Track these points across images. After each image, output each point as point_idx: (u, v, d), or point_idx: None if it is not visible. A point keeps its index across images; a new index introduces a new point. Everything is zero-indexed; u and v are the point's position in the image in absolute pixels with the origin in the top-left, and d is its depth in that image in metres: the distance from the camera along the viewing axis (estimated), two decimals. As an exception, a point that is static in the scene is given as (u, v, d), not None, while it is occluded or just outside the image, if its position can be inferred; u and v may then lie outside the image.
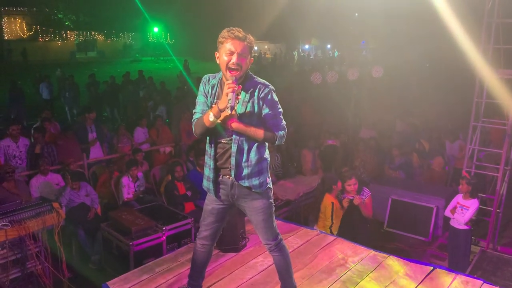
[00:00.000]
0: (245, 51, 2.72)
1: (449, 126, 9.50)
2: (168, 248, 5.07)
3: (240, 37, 2.70)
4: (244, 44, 2.71)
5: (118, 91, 13.67)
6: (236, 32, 2.71)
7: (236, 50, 2.69)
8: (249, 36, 2.75)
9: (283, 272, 3.18)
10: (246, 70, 2.78)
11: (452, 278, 3.52)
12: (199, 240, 3.19)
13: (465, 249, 5.71)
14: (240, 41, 2.70)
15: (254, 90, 2.80)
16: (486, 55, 6.06)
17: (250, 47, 2.76)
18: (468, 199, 5.56)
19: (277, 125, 2.82)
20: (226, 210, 3.09)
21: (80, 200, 6.06)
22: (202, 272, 3.31)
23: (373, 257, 3.86)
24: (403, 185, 7.27)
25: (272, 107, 2.80)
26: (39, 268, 4.76)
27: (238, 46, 2.70)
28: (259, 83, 2.83)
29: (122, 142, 7.98)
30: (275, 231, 3.07)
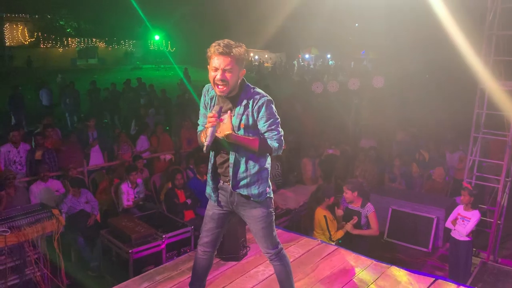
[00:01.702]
0: (231, 66, 2.64)
1: (449, 137, 9.51)
2: (167, 256, 5.04)
3: (224, 52, 2.63)
4: (229, 59, 2.63)
5: (118, 98, 13.70)
6: (221, 47, 2.64)
7: (220, 66, 2.63)
8: (237, 48, 2.66)
9: (284, 281, 3.15)
10: (235, 83, 2.72)
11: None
12: (200, 246, 3.18)
13: (466, 261, 5.70)
14: (225, 56, 2.63)
15: (249, 101, 2.76)
16: (487, 66, 6.09)
17: (239, 59, 2.67)
18: (469, 210, 5.56)
19: (273, 137, 2.78)
20: (227, 216, 3.08)
21: (80, 207, 6.04)
22: (203, 280, 3.29)
23: (375, 267, 3.84)
24: (403, 195, 7.26)
25: (268, 119, 2.75)
26: (37, 275, 4.73)
27: (223, 61, 2.63)
28: (255, 94, 2.78)
29: (123, 149, 7.97)
30: (275, 240, 3.06)
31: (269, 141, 2.78)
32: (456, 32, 6.52)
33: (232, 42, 2.68)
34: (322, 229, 5.45)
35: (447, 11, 6.76)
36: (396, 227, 6.81)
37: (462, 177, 7.41)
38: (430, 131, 10.37)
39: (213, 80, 2.68)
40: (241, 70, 2.72)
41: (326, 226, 5.39)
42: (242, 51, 2.69)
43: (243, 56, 2.69)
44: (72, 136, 7.68)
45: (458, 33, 6.49)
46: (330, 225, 5.41)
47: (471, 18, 6.80)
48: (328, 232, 5.43)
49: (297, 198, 7.12)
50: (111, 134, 8.81)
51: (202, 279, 3.28)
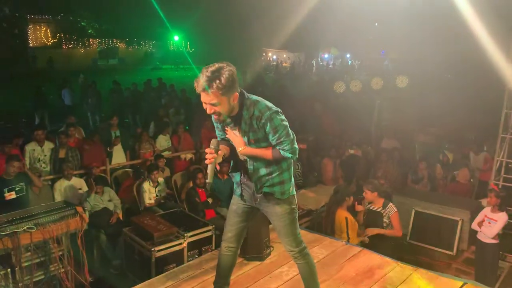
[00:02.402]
0: (216, 100, 2.58)
1: (473, 137, 9.31)
2: (189, 255, 5.04)
3: (202, 89, 2.57)
4: (211, 95, 2.57)
5: (140, 98, 13.83)
6: (199, 84, 2.57)
7: (205, 101, 2.62)
8: (218, 81, 2.54)
9: (309, 280, 3.11)
10: (229, 109, 2.67)
11: (485, 293, 3.41)
12: (224, 242, 3.18)
13: (493, 264, 5.57)
14: (204, 92, 2.58)
15: (251, 119, 2.73)
16: (517, 65, 5.94)
17: (223, 89, 2.56)
18: (497, 212, 5.43)
19: (284, 148, 2.76)
20: (250, 211, 3.09)
21: (103, 205, 6.11)
22: (227, 278, 3.27)
23: (401, 270, 3.77)
24: (427, 197, 7.11)
25: (274, 132, 2.72)
26: (61, 272, 4.78)
27: (205, 97, 2.60)
28: (256, 111, 2.71)
29: (144, 149, 8.02)
30: (299, 239, 3.03)
31: (282, 152, 2.78)
32: (482, 31, 6.37)
33: (212, 74, 2.55)
34: (341, 231, 5.37)
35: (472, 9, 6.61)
36: (419, 229, 6.67)
37: (487, 179, 7.25)
38: (454, 132, 10.16)
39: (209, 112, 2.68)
40: (232, 95, 2.63)
41: (346, 228, 5.30)
42: (225, 80, 2.55)
43: (228, 83, 2.56)
44: (95, 135, 7.77)
45: (484, 32, 6.35)
46: (350, 228, 5.32)
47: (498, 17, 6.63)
48: (346, 235, 5.33)
49: (318, 199, 7.05)
50: (133, 134, 8.88)
51: (226, 277, 3.27)
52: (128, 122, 12.51)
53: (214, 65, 2.61)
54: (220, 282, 3.26)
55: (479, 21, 6.45)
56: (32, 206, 5.19)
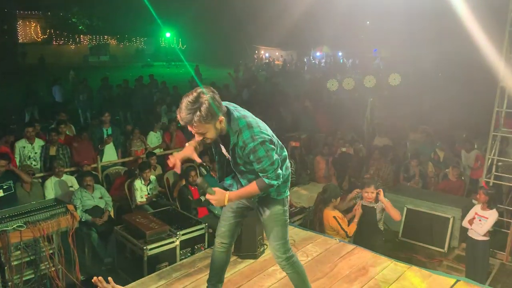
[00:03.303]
0: (200, 130, 2.55)
1: (464, 136, 9.37)
2: (181, 254, 5.01)
3: (185, 125, 2.56)
4: (193, 128, 2.55)
5: (131, 95, 13.73)
6: (182, 119, 2.54)
7: (192, 131, 2.61)
8: (197, 113, 2.48)
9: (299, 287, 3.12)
10: (216, 132, 2.63)
11: (478, 291, 3.42)
12: (217, 238, 3.18)
13: (483, 261, 5.61)
14: (188, 125, 2.55)
15: (236, 143, 2.70)
16: (508, 63, 5.97)
17: (205, 119, 2.50)
18: (487, 210, 5.46)
19: (268, 176, 2.73)
20: (245, 208, 3.09)
21: (94, 202, 6.05)
22: (221, 275, 3.26)
23: (395, 267, 3.77)
24: (419, 195, 7.15)
25: (258, 162, 2.69)
26: (52, 270, 4.73)
27: (191, 128, 2.58)
28: (240, 141, 2.68)
29: (135, 146, 7.97)
30: (287, 246, 3.02)
31: (266, 180, 2.74)
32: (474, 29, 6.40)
33: (192, 106, 2.49)
34: (334, 230, 5.35)
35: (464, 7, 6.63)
36: (411, 226, 6.71)
37: (478, 177, 7.30)
38: (445, 130, 10.23)
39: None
40: (217, 120, 2.58)
41: (338, 226, 5.30)
42: (205, 110, 2.48)
43: (209, 113, 2.50)
44: (85, 132, 7.70)
45: (476, 30, 6.37)
46: (342, 224, 5.32)
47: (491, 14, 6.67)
48: (343, 231, 5.33)
49: (311, 196, 7.05)
50: (124, 131, 8.82)
51: (220, 274, 3.25)
52: (119, 119, 12.41)
53: (192, 93, 2.52)
54: (214, 279, 3.24)
55: (471, 19, 6.48)
56: (22, 204, 5.12)
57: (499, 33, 6.01)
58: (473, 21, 6.27)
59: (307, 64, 33.81)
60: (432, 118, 11.12)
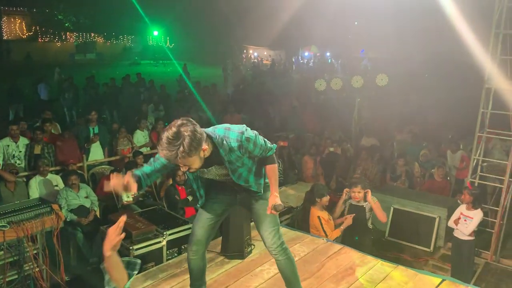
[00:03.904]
0: (186, 162, 2.47)
1: (450, 136, 9.47)
2: (168, 254, 4.97)
3: (168, 160, 2.50)
4: (178, 161, 2.45)
5: (118, 93, 13.61)
6: (165, 157, 2.46)
7: (177, 164, 2.55)
8: (179, 151, 2.37)
9: (291, 278, 3.08)
10: (202, 160, 2.57)
11: (463, 290, 3.46)
12: (191, 246, 3.13)
13: (469, 260, 5.67)
14: (173, 161, 2.49)
15: (231, 152, 2.70)
16: (494, 65, 6.04)
17: (189, 153, 2.40)
18: (472, 210, 5.52)
19: (267, 150, 2.87)
20: (224, 207, 3.12)
21: (79, 202, 5.97)
22: (202, 279, 3.24)
23: (381, 267, 3.79)
24: (405, 195, 7.20)
25: (253, 149, 2.77)
26: (36, 271, 4.67)
27: (176, 162, 2.49)
28: (232, 143, 2.67)
29: (122, 145, 7.89)
30: (280, 232, 3.06)
31: (270, 152, 2.89)
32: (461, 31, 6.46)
33: (173, 145, 2.37)
34: (317, 229, 5.37)
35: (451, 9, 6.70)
36: (397, 226, 6.76)
37: (464, 177, 7.38)
38: (431, 131, 10.33)
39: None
40: (200, 150, 2.49)
41: (321, 227, 5.30)
42: (187, 145, 2.37)
43: (192, 146, 2.40)
44: (69, 131, 7.60)
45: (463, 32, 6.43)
46: (325, 226, 5.31)
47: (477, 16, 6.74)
48: (324, 233, 5.32)
49: (298, 196, 7.05)
50: (111, 130, 8.73)
51: (201, 278, 3.23)
52: (106, 117, 12.28)
53: (171, 128, 2.39)
54: (196, 284, 3.21)
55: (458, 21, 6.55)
56: (6, 203, 5.04)
57: (485, 34, 6.08)
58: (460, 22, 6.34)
59: (295, 64, 33.89)
60: (419, 119, 11.23)
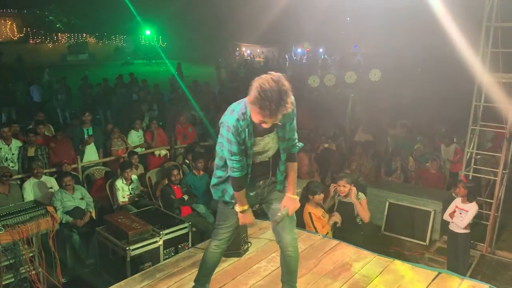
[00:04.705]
0: (278, 117, 2.56)
1: (444, 130, 9.52)
2: (165, 253, 4.97)
3: (273, 116, 2.50)
4: (273, 118, 2.54)
5: (111, 93, 13.56)
6: (273, 114, 2.49)
7: (271, 122, 2.57)
8: (286, 106, 2.49)
9: (295, 270, 3.06)
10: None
11: (458, 282, 3.47)
12: (216, 241, 3.10)
13: (464, 253, 5.70)
14: (271, 117, 2.51)
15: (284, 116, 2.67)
16: (485, 58, 6.07)
17: (288, 104, 2.53)
18: (467, 203, 5.55)
19: (294, 142, 2.90)
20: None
21: (75, 203, 5.95)
22: (210, 276, 3.24)
23: (378, 262, 3.81)
24: (400, 189, 7.23)
25: (292, 125, 2.81)
26: (33, 274, 4.64)
27: (270, 120, 2.54)
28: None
29: (116, 145, 7.86)
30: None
31: (297, 147, 2.91)
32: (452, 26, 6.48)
33: (282, 99, 2.45)
34: (308, 226, 5.37)
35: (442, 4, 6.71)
36: (393, 220, 6.79)
37: (458, 170, 7.43)
38: (425, 125, 10.38)
39: (259, 123, 2.60)
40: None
41: (311, 223, 5.31)
42: (291, 100, 2.52)
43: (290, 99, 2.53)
44: (59, 132, 7.56)
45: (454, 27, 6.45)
46: (316, 222, 5.31)
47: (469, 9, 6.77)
48: (314, 228, 5.32)
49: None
50: (104, 130, 8.70)
51: (209, 274, 3.23)
52: (99, 118, 12.23)
53: (270, 81, 2.46)
54: (203, 280, 3.21)
55: (449, 16, 6.56)
56: (1, 206, 5.01)
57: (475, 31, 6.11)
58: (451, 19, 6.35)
59: (288, 61, 33.87)
60: (412, 113, 11.27)
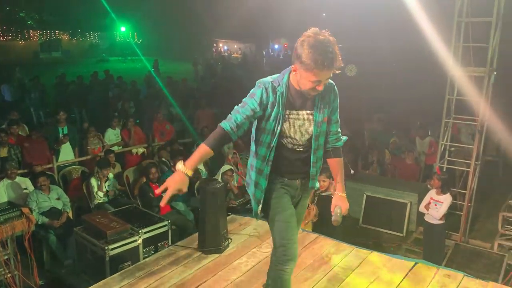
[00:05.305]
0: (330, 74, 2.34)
1: (418, 123, 9.71)
2: (144, 252, 4.94)
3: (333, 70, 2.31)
4: (327, 73, 2.31)
5: (86, 91, 13.31)
6: (336, 65, 2.30)
7: (324, 78, 2.34)
8: (339, 57, 2.31)
9: None
10: None
11: (434, 272, 3.57)
12: (290, 263, 2.51)
13: (440, 243, 5.85)
14: (331, 70, 2.30)
15: (325, 92, 2.51)
16: (457, 53, 6.21)
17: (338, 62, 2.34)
18: (441, 195, 5.69)
19: (339, 135, 2.79)
20: None
21: (51, 204, 5.84)
22: None
23: (356, 254, 3.87)
24: (377, 182, 7.36)
25: (336, 110, 2.68)
26: (8, 277, 4.55)
27: (327, 75, 2.32)
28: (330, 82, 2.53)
29: (92, 144, 7.74)
30: None
31: (341, 142, 2.72)
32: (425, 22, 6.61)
33: (334, 50, 2.28)
34: None
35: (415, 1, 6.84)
36: (371, 213, 6.91)
37: (432, 162, 7.60)
38: (401, 119, 10.56)
39: (312, 88, 2.36)
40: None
41: None
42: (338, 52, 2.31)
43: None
44: (38, 131, 7.39)
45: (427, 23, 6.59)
46: None
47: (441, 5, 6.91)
48: None
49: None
50: (80, 129, 8.55)
51: None
52: (74, 117, 12.00)
53: (323, 36, 2.29)
54: None
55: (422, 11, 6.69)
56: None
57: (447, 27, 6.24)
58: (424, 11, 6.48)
59: (265, 57, 33.90)
60: (389, 108, 11.45)
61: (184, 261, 3.74)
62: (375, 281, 3.43)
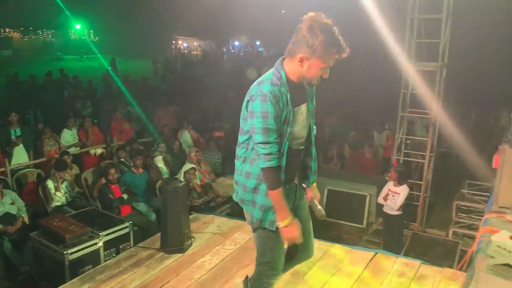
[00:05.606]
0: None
1: (376, 117, 9.97)
2: (105, 255, 4.83)
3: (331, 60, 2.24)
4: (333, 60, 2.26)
5: (40, 91, 12.83)
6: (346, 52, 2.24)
7: (331, 64, 2.27)
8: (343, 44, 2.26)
9: None
10: None
11: (394, 261, 3.68)
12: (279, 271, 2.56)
13: (398, 233, 6.05)
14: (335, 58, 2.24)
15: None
16: (410, 48, 6.42)
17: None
18: (398, 186, 5.88)
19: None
20: None
21: (4, 209, 5.59)
22: None
23: (319, 247, 3.92)
24: (338, 176, 7.50)
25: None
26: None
27: (329, 64, 2.26)
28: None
29: (48, 146, 7.47)
30: None
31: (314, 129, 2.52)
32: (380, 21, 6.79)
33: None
34: None
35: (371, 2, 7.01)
36: (332, 206, 7.02)
37: (390, 155, 7.83)
38: (359, 113, 10.81)
39: (319, 76, 2.28)
40: None
41: None
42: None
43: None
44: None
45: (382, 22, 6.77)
46: None
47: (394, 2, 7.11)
48: None
49: (236, 185, 7.09)
50: (34, 130, 8.22)
51: None
52: (28, 118, 11.54)
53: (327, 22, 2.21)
54: None
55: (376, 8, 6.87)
56: None
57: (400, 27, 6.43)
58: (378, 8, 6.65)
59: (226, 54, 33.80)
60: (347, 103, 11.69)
61: (146, 262, 3.69)
62: (337, 273, 3.51)
